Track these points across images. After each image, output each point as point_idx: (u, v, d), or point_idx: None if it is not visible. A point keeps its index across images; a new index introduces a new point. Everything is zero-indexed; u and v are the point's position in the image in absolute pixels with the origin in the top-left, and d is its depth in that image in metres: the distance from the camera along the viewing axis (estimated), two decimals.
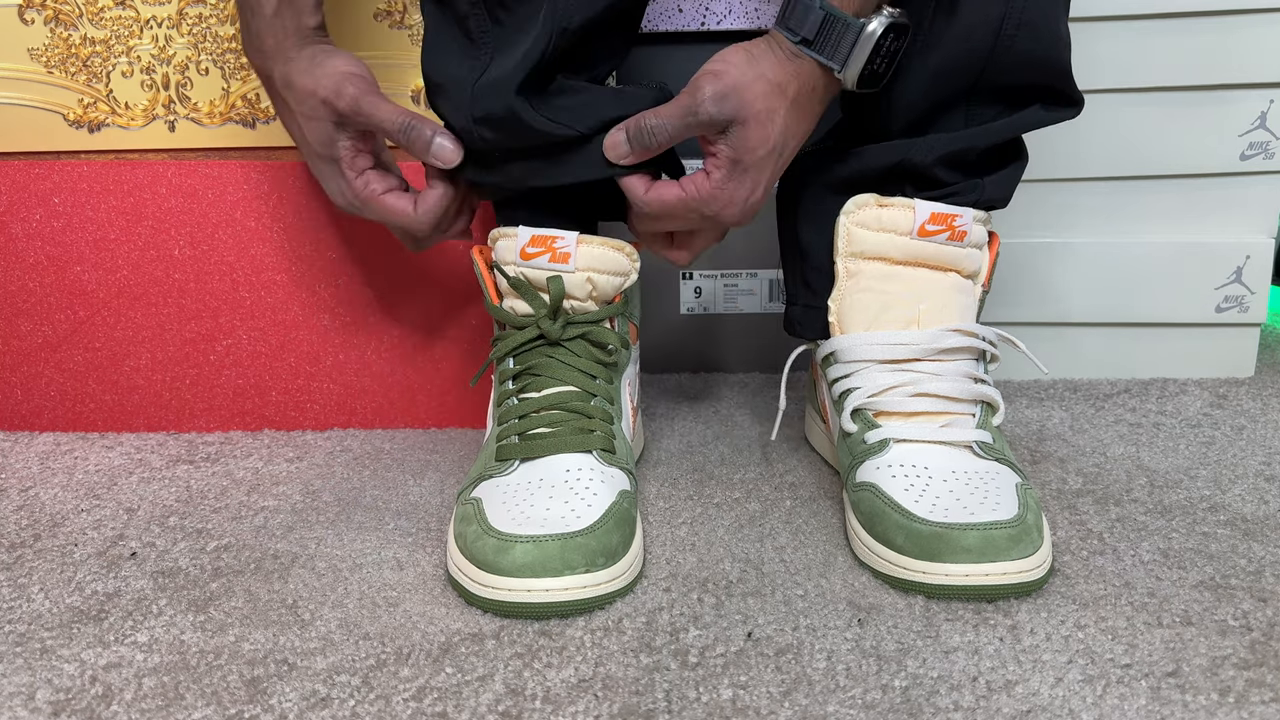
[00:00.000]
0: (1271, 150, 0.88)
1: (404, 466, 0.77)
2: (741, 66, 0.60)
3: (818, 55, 0.60)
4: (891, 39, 0.59)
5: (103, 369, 0.84)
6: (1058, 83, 0.66)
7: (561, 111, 0.64)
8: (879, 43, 0.59)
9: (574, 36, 0.63)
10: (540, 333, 0.66)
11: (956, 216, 0.66)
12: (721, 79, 0.60)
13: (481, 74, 0.64)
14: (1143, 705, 0.47)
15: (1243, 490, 0.70)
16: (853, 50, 0.59)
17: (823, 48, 0.59)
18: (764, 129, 0.60)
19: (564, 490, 0.61)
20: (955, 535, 0.56)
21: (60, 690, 0.50)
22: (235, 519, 0.69)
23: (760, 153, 0.61)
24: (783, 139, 0.61)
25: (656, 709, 0.48)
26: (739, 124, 0.60)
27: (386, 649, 0.53)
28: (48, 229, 0.82)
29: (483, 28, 0.65)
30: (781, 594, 0.57)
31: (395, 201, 0.68)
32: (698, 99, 0.60)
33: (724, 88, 0.60)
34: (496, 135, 0.65)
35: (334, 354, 0.84)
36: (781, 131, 0.61)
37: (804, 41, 0.59)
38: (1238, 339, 0.93)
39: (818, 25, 0.59)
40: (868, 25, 0.59)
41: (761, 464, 0.76)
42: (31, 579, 0.61)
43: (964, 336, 0.66)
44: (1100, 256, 0.92)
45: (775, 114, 0.60)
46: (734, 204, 0.63)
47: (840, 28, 0.59)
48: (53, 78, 0.85)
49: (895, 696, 0.48)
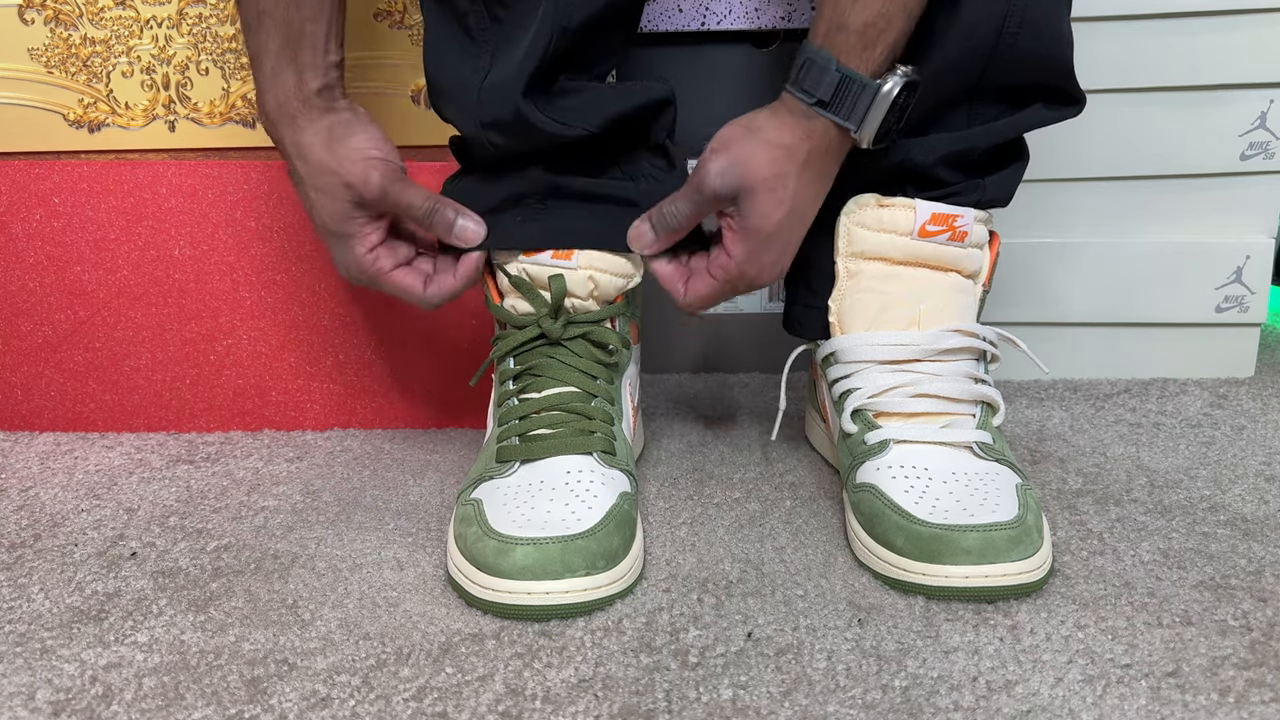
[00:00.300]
0: (1271, 150, 0.88)
1: (404, 466, 0.77)
2: (741, 138, 0.61)
3: (834, 116, 0.59)
4: (904, 96, 0.59)
5: (103, 369, 0.84)
6: (1060, 81, 0.66)
7: (567, 112, 0.64)
8: (894, 101, 0.59)
9: (575, 35, 0.63)
10: (541, 332, 0.66)
11: (957, 217, 0.66)
12: (723, 153, 0.61)
13: (485, 76, 0.64)
14: (1143, 705, 0.47)
15: (1243, 490, 0.70)
16: (869, 110, 0.59)
17: (839, 109, 0.59)
18: (774, 194, 0.60)
19: (564, 492, 0.60)
20: (955, 537, 0.56)
21: (60, 690, 0.50)
22: (235, 519, 0.69)
23: (775, 217, 0.61)
24: (795, 202, 0.61)
25: (656, 709, 0.48)
26: (747, 193, 0.60)
27: (386, 649, 0.53)
28: (48, 229, 0.82)
29: (482, 25, 0.64)
30: (781, 594, 0.57)
31: (403, 279, 0.68)
32: (702, 175, 0.61)
33: (726, 161, 0.60)
34: (505, 139, 0.65)
35: (334, 354, 0.84)
36: (794, 194, 0.61)
37: (819, 103, 0.59)
38: (1238, 339, 0.93)
39: (834, 87, 0.59)
40: (883, 86, 0.58)
41: (761, 464, 0.76)
42: (31, 579, 0.61)
43: (964, 337, 0.66)
44: (1100, 256, 0.92)
45: (784, 179, 0.60)
46: (764, 272, 0.63)
47: (856, 89, 0.58)
48: (53, 78, 0.85)
49: (895, 696, 0.48)
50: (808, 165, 0.61)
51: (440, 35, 0.66)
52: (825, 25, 0.59)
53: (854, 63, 0.58)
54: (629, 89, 0.67)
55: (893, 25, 0.58)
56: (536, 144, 0.65)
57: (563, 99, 0.65)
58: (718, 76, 0.95)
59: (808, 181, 0.61)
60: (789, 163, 0.60)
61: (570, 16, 0.62)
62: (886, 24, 0.58)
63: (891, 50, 0.59)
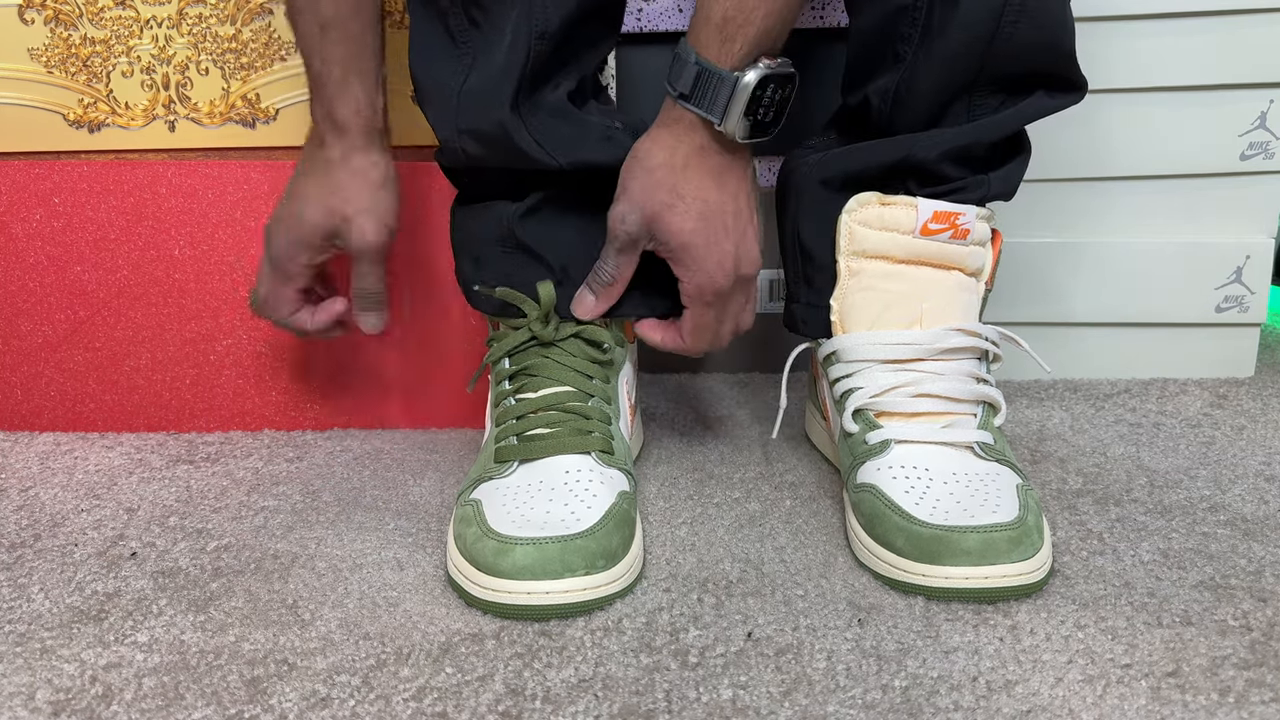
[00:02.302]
0: (1271, 150, 0.88)
1: (404, 466, 0.77)
2: (630, 174, 0.63)
3: (695, 109, 0.60)
4: (773, 89, 0.60)
5: (103, 369, 0.84)
6: (1061, 68, 0.65)
7: (549, 135, 0.65)
8: (756, 94, 0.59)
9: (555, 39, 0.63)
10: (533, 335, 0.67)
11: (959, 215, 0.66)
12: (621, 198, 0.63)
13: (465, 79, 0.64)
14: (1143, 705, 0.47)
15: (1243, 490, 0.70)
16: (730, 103, 0.60)
17: (700, 101, 0.60)
18: (673, 210, 0.62)
19: (563, 492, 0.60)
20: (955, 537, 0.56)
21: (60, 690, 0.50)
22: (235, 519, 0.69)
23: (688, 227, 0.62)
24: (700, 205, 0.62)
25: (656, 709, 0.48)
26: (654, 222, 0.62)
27: (386, 649, 0.53)
28: (48, 229, 0.82)
29: (462, 27, 0.65)
30: (781, 594, 0.57)
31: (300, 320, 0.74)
32: (611, 226, 0.64)
33: (624, 204, 0.63)
34: (481, 150, 0.65)
35: (334, 354, 0.84)
36: (694, 199, 0.62)
37: (682, 96, 0.60)
38: (1238, 339, 0.93)
39: (693, 80, 0.60)
40: (742, 77, 0.59)
41: (761, 464, 0.76)
42: (31, 579, 0.61)
43: (967, 336, 0.66)
44: (1101, 256, 0.92)
45: (675, 191, 0.62)
46: (717, 276, 0.63)
47: (715, 81, 0.59)
48: (53, 78, 0.85)
49: (895, 696, 0.48)
50: (691, 167, 0.62)
51: (424, 35, 0.66)
52: (693, 20, 0.60)
53: (712, 55, 0.59)
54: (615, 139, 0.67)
55: (751, 20, 0.58)
56: (509, 163, 0.66)
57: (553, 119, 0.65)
58: None
59: (700, 182, 0.62)
60: (672, 174, 0.62)
61: (548, 21, 0.62)
62: (745, 18, 0.58)
63: (754, 44, 0.59)
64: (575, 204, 0.68)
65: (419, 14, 0.66)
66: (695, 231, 0.62)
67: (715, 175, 0.63)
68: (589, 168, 0.65)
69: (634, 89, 0.93)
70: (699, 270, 0.63)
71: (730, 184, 0.63)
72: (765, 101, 0.60)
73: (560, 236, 0.68)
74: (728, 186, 0.63)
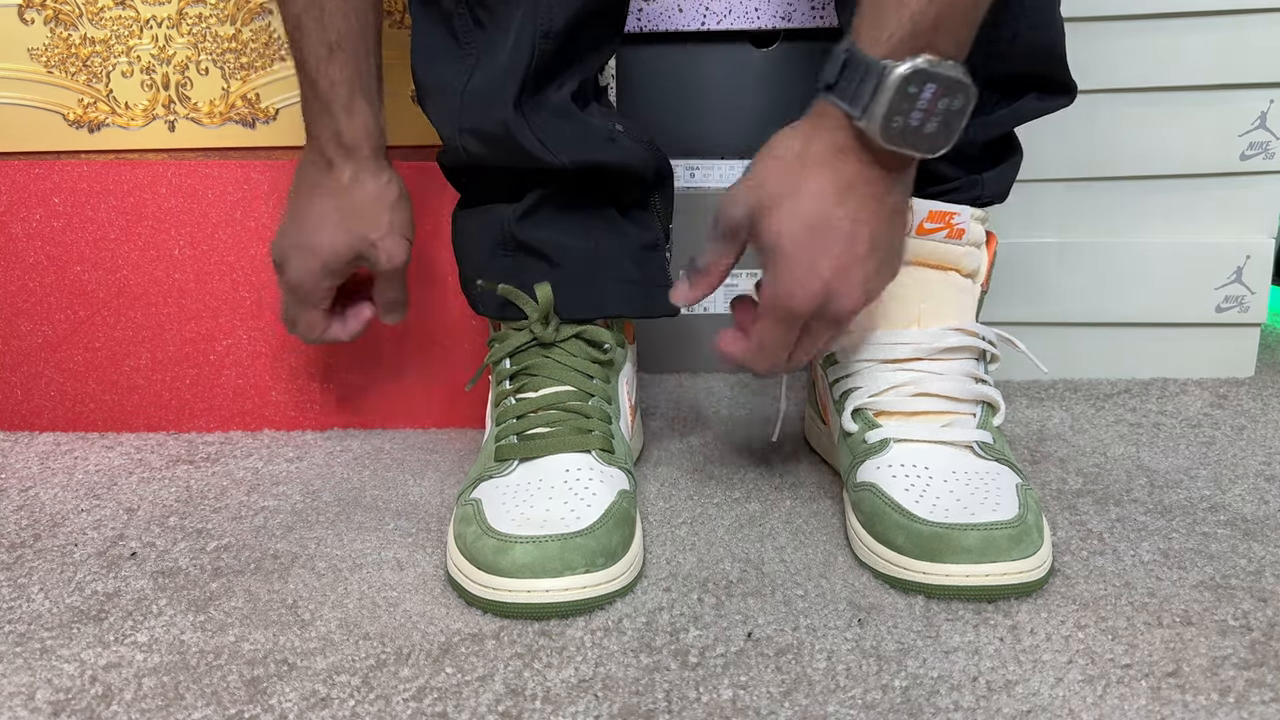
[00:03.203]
0: (1271, 150, 0.88)
1: (404, 466, 0.77)
2: (753, 163, 0.57)
3: (837, 100, 0.53)
4: (934, 92, 0.52)
5: (103, 369, 0.84)
6: (1053, 70, 0.66)
7: (552, 135, 0.64)
8: (909, 90, 0.51)
9: (559, 39, 0.63)
10: (534, 336, 0.67)
11: (954, 214, 0.66)
12: (741, 181, 0.57)
13: (469, 79, 0.64)
14: (1143, 705, 0.47)
15: (1243, 490, 0.70)
16: (875, 96, 0.51)
17: (843, 92, 0.53)
18: (782, 208, 0.55)
19: (563, 490, 0.60)
20: (955, 535, 0.56)
21: (60, 690, 0.50)
22: (235, 519, 0.69)
23: (789, 229, 0.54)
24: (815, 212, 0.54)
25: (656, 709, 0.48)
26: (761, 213, 0.55)
27: (386, 649, 0.53)
28: (48, 229, 0.82)
29: (466, 28, 0.65)
30: (781, 594, 0.57)
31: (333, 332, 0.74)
32: (719, 206, 0.57)
33: (740, 187, 0.56)
34: (482, 149, 0.65)
35: (334, 354, 0.84)
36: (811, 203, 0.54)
37: (827, 87, 0.54)
38: (1238, 339, 0.93)
39: (839, 67, 0.53)
40: (893, 68, 0.51)
41: (761, 464, 0.76)
42: (31, 579, 0.61)
43: (965, 336, 0.66)
44: (1100, 256, 0.92)
45: (794, 189, 0.54)
46: (797, 295, 0.55)
47: (862, 70, 0.52)
48: (53, 78, 0.85)
49: (895, 696, 0.48)
50: (820, 166, 0.54)
51: (427, 37, 0.66)
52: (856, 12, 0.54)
53: (863, 40, 0.52)
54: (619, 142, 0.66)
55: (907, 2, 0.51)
56: (511, 162, 0.65)
57: (556, 119, 0.65)
58: (717, 76, 0.95)
59: (822, 187, 0.54)
60: (796, 169, 0.55)
61: (553, 20, 0.62)
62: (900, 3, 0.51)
63: (913, 31, 0.51)
64: (574, 202, 0.67)
65: (421, 15, 0.66)
66: (790, 237, 0.54)
67: (843, 185, 0.54)
68: (591, 167, 0.65)
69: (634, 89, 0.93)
70: (778, 282, 0.56)
71: (858, 201, 0.55)
72: (923, 105, 0.52)
73: (560, 234, 0.67)
74: (852, 202, 0.54)
